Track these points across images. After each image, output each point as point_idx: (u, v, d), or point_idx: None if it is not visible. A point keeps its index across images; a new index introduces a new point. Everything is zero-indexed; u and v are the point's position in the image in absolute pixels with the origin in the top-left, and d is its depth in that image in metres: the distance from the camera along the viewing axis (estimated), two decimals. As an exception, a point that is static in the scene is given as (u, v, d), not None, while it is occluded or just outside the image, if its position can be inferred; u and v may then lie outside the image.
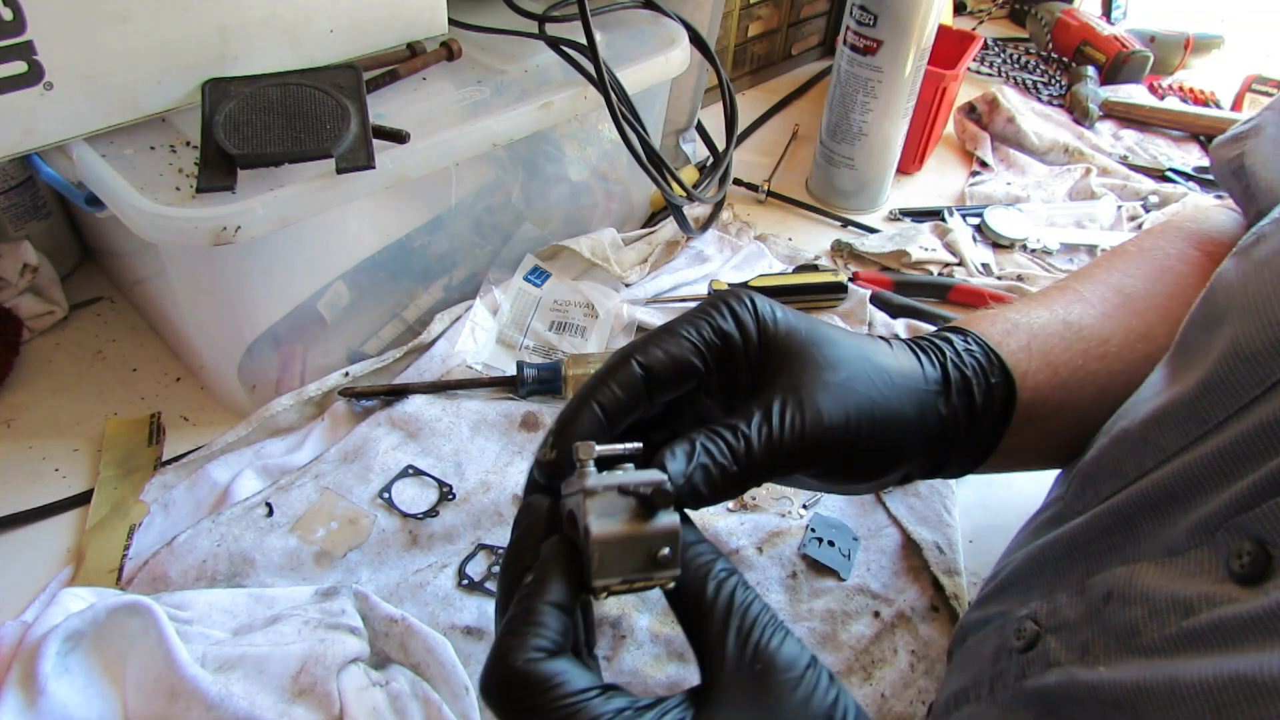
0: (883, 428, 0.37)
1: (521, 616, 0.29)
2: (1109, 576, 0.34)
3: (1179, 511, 0.32)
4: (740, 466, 0.33)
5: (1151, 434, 0.35)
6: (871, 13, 0.79)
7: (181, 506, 0.56)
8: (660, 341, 0.35)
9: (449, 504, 0.57)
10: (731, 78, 0.91)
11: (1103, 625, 0.33)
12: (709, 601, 0.30)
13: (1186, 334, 0.37)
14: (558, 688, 0.28)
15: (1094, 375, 0.44)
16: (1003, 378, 0.42)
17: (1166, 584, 0.31)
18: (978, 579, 0.57)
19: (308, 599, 0.49)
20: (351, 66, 0.56)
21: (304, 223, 0.53)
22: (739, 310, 0.37)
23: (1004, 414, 0.42)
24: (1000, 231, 0.87)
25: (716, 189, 0.80)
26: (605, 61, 0.63)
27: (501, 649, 0.29)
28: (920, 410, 0.39)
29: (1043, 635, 0.36)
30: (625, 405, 0.34)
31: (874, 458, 0.37)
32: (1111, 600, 0.33)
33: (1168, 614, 0.30)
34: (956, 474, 0.44)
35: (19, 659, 0.43)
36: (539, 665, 0.28)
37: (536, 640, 0.29)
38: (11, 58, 0.47)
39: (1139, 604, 0.31)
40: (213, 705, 0.41)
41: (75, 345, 0.67)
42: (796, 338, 0.37)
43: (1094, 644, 0.33)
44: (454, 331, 0.69)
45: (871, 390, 0.37)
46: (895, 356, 0.39)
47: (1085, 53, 1.19)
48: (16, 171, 0.65)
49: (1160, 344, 0.44)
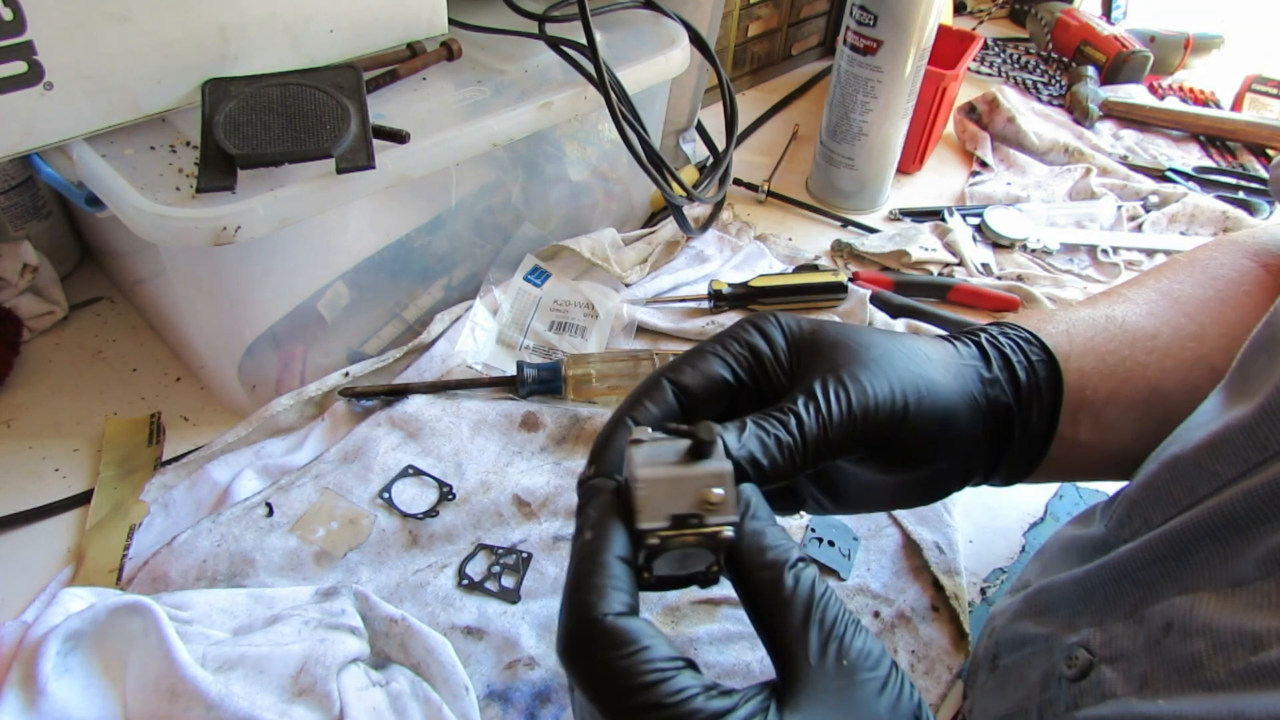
0: (930, 400, 0.36)
1: (591, 570, 0.28)
2: (1168, 607, 0.33)
3: (1242, 541, 0.31)
4: (795, 440, 0.32)
5: (1207, 460, 0.34)
6: (871, 13, 0.79)
7: (181, 506, 0.56)
8: (689, 361, 0.35)
9: (449, 504, 0.57)
10: (731, 78, 0.91)
11: (1163, 657, 0.32)
12: (788, 593, 0.28)
13: (1246, 359, 0.36)
14: (643, 650, 0.26)
15: (1143, 368, 0.42)
16: (1044, 355, 0.41)
17: (1231, 616, 0.30)
18: (978, 579, 0.57)
19: (308, 599, 0.49)
20: (351, 66, 0.56)
21: (304, 223, 0.53)
22: (763, 324, 0.37)
23: (1053, 399, 0.40)
24: (1000, 231, 0.87)
25: (716, 189, 0.80)
26: (605, 61, 0.63)
27: (579, 604, 0.27)
28: (963, 383, 0.38)
29: (1096, 664, 0.35)
30: (660, 423, 0.33)
31: (928, 435, 0.36)
32: (1172, 632, 0.32)
33: (1234, 648, 0.29)
34: (1020, 471, 0.42)
35: (19, 659, 0.43)
36: (623, 622, 0.27)
37: (616, 594, 0.27)
38: (11, 58, 0.47)
39: (1202, 636, 0.30)
40: (213, 705, 0.41)
41: (75, 345, 0.67)
42: (825, 335, 0.36)
43: (1154, 676, 0.32)
44: (454, 331, 0.69)
45: (911, 364, 0.36)
46: (926, 340, 0.39)
47: (1085, 53, 1.19)
48: (16, 171, 0.65)
49: (1213, 346, 0.42)
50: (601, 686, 0.26)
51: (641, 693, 0.25)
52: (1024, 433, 0.40)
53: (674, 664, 0.26)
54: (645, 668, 0.26)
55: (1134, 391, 0.42)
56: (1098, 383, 0.41)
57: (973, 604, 0.55)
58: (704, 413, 0.35)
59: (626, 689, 0.26)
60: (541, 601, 0.53)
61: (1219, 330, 0.43)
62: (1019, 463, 0.41)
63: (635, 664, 0.26)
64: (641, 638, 0.26)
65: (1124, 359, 0.42)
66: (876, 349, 0.36)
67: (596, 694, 0.26)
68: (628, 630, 0.27)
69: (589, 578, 0.28)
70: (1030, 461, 0.42)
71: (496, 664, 0.49)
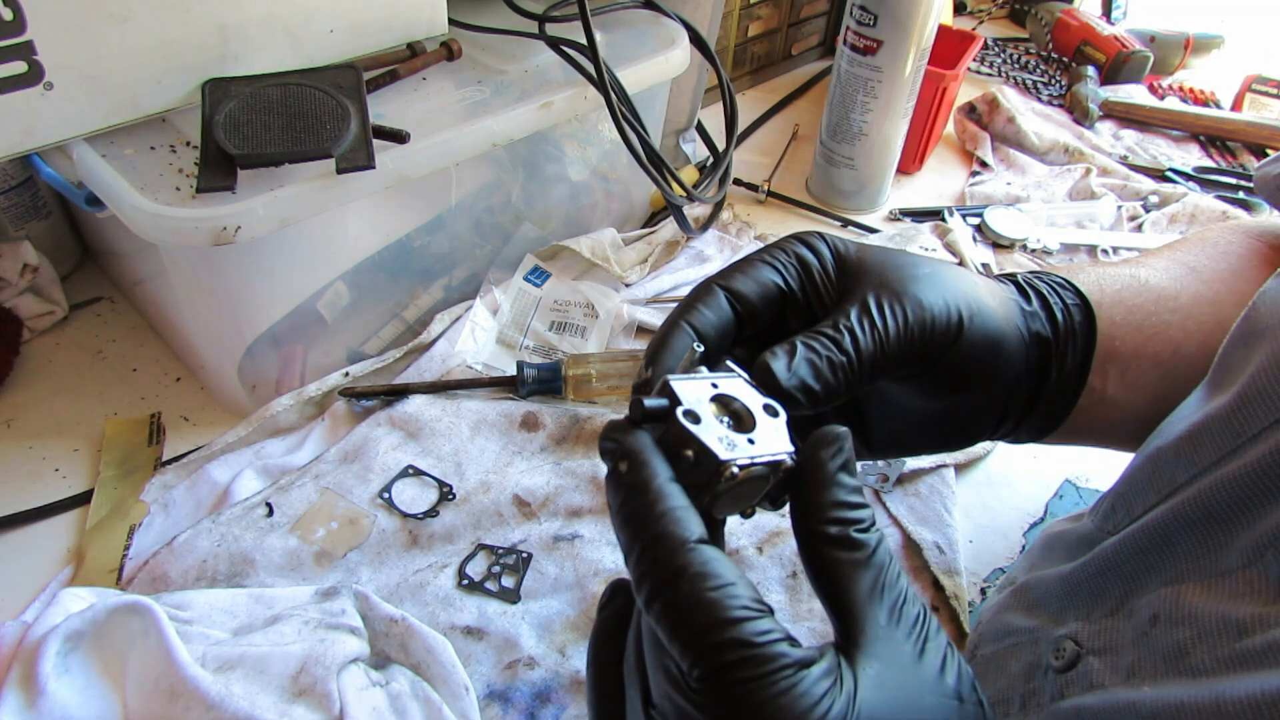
0: (981, 319, 0.36)
1: (658, 495, 0.26)
2: (1154, 599, 0.33)
3: (1223, 531, 0.31)
4: (848, 358, 0.32)
5: (1185, 449, 0.34)
6: (871, 13, 0.79)
7: (181, 506, 0.56)
8: (741, 268, 0.35)
9: (449, 504, 0.57)
10: (731, 78, 0.91)
11: (1149, 647, 0.32)
12: (862, 554, 0.27)
13: (1225, 353, 0.37)
14: (730, 585, 0.24)
15: (1167, 326, 0.42)
16: (1079, 300, 0.41)
17: (1215, 605, 0.30)
18: (978, 579, 0.57)
19: (308, 599, 0.49)
20: (351, 66, 0.56)
21: (304, 223, 0.53)
22: (811, 240, 0.36)
23: (1087, 343, 0.41)
24: (1000, 231, 0.87)
25: (716, 189, 0.80)
26: (605, 61, 0.63)
27: (659, 528, 0.25)
28: (1008, 310, 0.38)
29: (1084, 656, 0.35)
30: (715, 326, 0.33)
31: (979, 355, 0.36)
32: (1159, 622, 0.32)
33: (1219, 635, 0.29)
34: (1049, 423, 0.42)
35: (19, 659, 0.43)
36: (709, 551, 0.25)
37: (693, 520, 0.26)
38: (11, 58, 0.47)
39: (1187, 625, 0.30)
40: (213, 705, 0.41)
41: (75, 345, 0.67)
42: (871, 254, 0.36)
43: (1140, 666, 0.32)
44: (454, 331, 0.69)
45: (962, 283, 0.36)
46: (969, 271, 0.39)
47: (1085, 53, 1.19)
48: (16, 171, 0.65)
49: (1229, 314, 0.42)
50: (688, 618, 0.24)
51: (731, 628, 0.24)
52: (1059, 373, 0.40)
53: (759, 605, 0.25)
54: (734, 603, 0.24)
55: (1159, 349, 0.42)
56: (1126, 334, 0.41)
57: (973, 604, 0.55)
58: (758, 319, 0.34)
59: (716, 623, 0.24)
60: (541, 601, 0.53)
61: (1234, 299, 0.44)
62: (1050, 411, 0.41)
63: (724, 597, 0.24)
64: (728, 571, 0.25)
65: (1150, 314, 0.42)
66: (925, 266, 0.36)
67: (681, 625, 0.24)
68: (715, 560, 0.25)
69: (658, 504, 0.26)
70: (1061, 410, 0.41)
71: (496, 664, 0.49)
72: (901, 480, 0.62)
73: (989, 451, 0.66)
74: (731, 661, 0.23)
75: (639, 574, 0.25)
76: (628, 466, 0.26)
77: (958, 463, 0.64)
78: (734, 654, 0.23)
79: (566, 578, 0.54)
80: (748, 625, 0.24)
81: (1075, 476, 0.65)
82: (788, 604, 0.54)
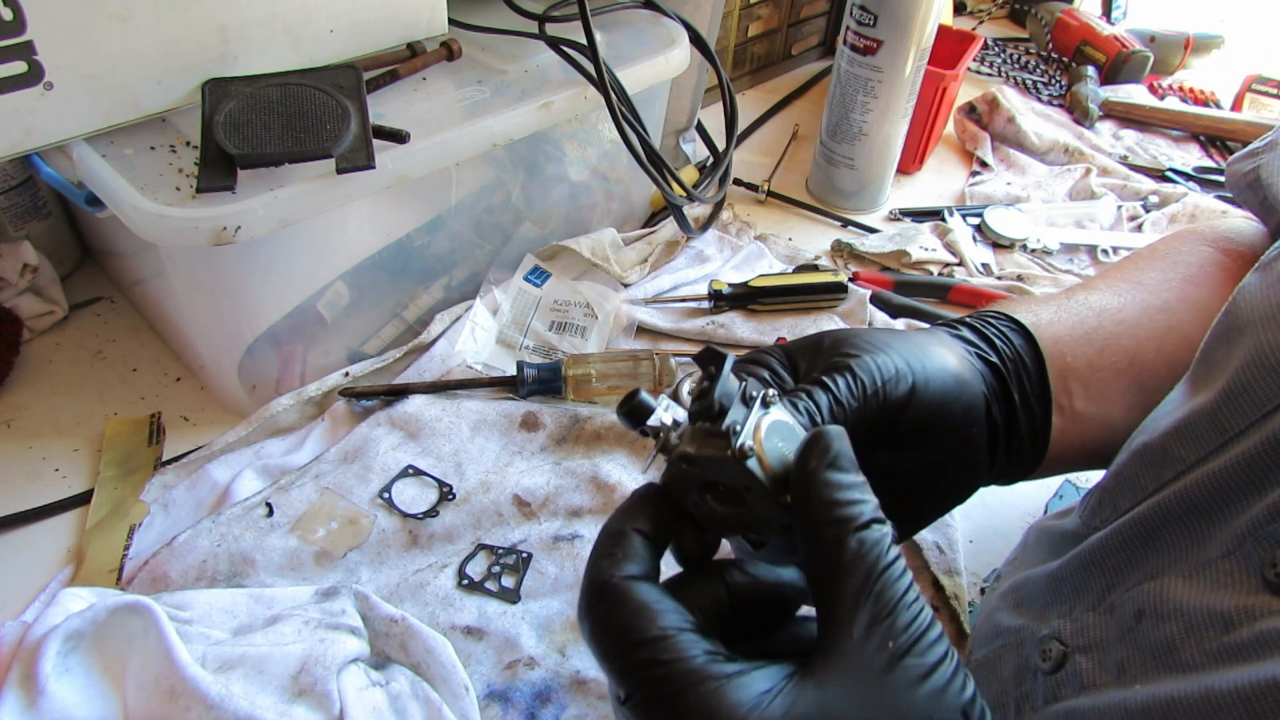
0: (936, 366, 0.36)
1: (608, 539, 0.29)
2: (1137, 593, 0.33)
3: (1206, 524, 0.32)
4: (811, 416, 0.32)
5: (1171, 445, 0.35)
6: (871, 13, 0.79)
7: (181, 506, 0.56)
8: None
9: (449, 504, 0.57)
10: (731, 78, 0.91)
11: (1136, 644, 0.32)
12: (850, 556, 0.26)
13: (1207, 348, 0.37)
14: (646, 609, 0.27)
15: (1116, 336, 0.43)
16: (1014, 325, 0.42)
17: (1199, 598, 0.30)
18: (977, 579, 0.57)
19: (308, 599, 0.49)
20: (351, 66, 0.56)
21: (304, 223, 0.53)
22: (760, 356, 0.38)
23: (1037, 364, 0.41)
24: (1000, 231, 0.87)
25: (716, 189, 0.80)
26: (605, 61, 0.63)
27: (591, 568, 0.28)
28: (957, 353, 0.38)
29: (1070, 655, 0.35)
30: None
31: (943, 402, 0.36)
32: (1144, 618, 0.32)
33: (1206, 629, 0.29)
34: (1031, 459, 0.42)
35: (19, 659, 0.43)
36: (631, 585, 0.27)
37: (629, 562, 0.28)
38: (11, 58, 0.47)
39: (1173, 620, 0.31)
40: (213, 705, 0.41)
41: (75, 345, 0.67)
42: (823, 339, 0.37)
43: (1130, 663, 0.32)
44: (454, 331, 0.69)
45: (908, 343, 0.37)
46: (897, 330, 0.40)
47: (1085, 53, 1.19)
48: (16, 171, 0.65)
49: (1182, 319, 0.43)
50: (603, 642, 0.27)
51: (641, 649, 0.26)
52: (1023, 397, 0.41)
53: (681, 626, 0.26)
54: (647, 624, 0.26)
55: (1114, 358, 0.43)
56: (1075, 348, 0.42)
57: (973, 604, 0.55)
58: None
59: (627, 645, 0.26)
60: (541, 601, 0.53)
61: (1185, 305, 0.45)
62: (1032, 439, 0.41)
63: (637, 621, 0.26)
64: (648, 599, 0.27)
65: (1095, 328, 0.43)
66: (876, 338, 0.37)
67: (600, 649, 0.27)
68: (634, 591, 0.27)
69: (605, 546, 0.29)
70: (1040, 437, 0.42)
71: (496, 664, 0.49)
72: (901, 480, 0.62)
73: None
74: (651, 678, 0.25)
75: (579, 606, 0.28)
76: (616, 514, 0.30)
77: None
78: (652, 671, 0.25)
79: (566, 578, 0.54)
80: (664, 644, 0.25)
81: (1075, 476, 0.65)
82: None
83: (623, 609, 0.27)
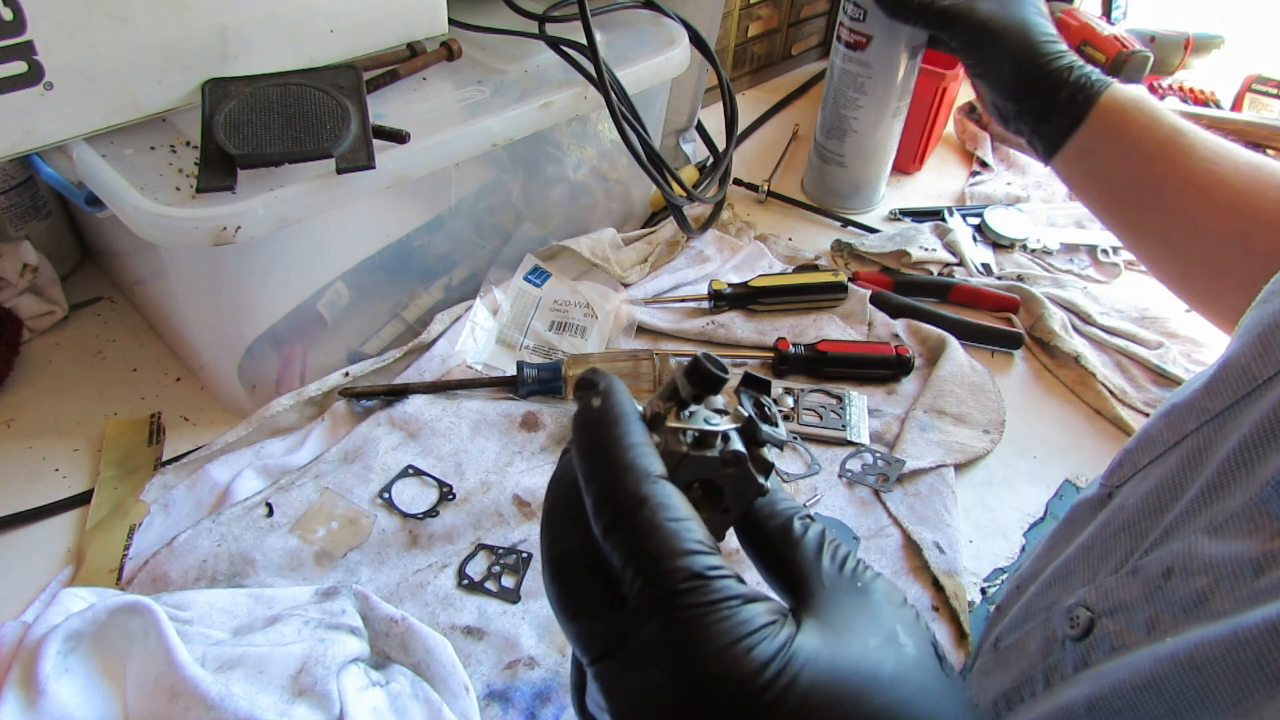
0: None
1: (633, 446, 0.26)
2: (1164, 553, 0.33)
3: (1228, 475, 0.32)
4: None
5: (1199, 399, 0.35)
6: (861, 7, 0.77)
7: (181, 506, 0.56)
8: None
9: (449, 504, 0.57)
10: (731, 78, 0.91)
11: (1166, 600, 0.32)
12: (798, 533, 0.29)
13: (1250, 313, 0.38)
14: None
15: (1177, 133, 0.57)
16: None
17: (1228, 548, 0.31)
18: (977, 579, 0.57)
19: (308, 599, 0.49)
20: (351, 66, 0.56)
21: (304, 223, 0.53)
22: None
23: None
24: (1000, 231, 0.87)
25: (716, 189, 0.80)
26: (605, 61, 0.63)
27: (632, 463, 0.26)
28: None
29: (1098, 619, 0.35)
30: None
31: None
32: (1173, 576, 0.33)
33: (1236, 578, 0.30)
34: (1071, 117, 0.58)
35: (19, 659, 0.43)
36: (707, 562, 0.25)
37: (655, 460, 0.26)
38: (11, 58, 0.47)
39: (1203, 574, 0.31)
40: (213, 705, 0.41)
41: (75, 345, 0.67)
42: None
43: (1160, 619, 0.32)
44: (454, 331, 0.69)
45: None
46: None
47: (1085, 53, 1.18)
48: (16, 171, 0.65)
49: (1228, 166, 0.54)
50: (646, 543, 0.25)
51: (685, 557, 0.24)
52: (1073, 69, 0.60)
53: (712, 544, 0.25)
54: (690, 535, 0.25)
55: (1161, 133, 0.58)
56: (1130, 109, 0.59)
57: (973, 604, 0.55)
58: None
59: (673, 550, 0.24)
60: (542, 601, 0.53)
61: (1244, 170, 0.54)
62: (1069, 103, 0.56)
63: (682, 529, 0.25)
64: (686, 509, 0.26)
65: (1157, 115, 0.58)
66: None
67: (639, 549, 0.25)
68: (675, 495, 0.26)
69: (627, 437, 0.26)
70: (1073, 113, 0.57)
71: (496, 664, 0.49)
72: (901, 480, 0.62)
73: (989, 451, 0.66)
74: (682, 588, 0.24)
75: (601, 498, 0.26)
76: (601, 402, 0.27)
77: (957, 462, 0.64)
78: (685, 581, 0.24)
79: (566, 578, 0.54)
80: (701, 558, 0.25)
81: (1075, 477, 0.65)
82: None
83: (664, 513, 0.25)
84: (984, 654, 0.45)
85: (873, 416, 0.67)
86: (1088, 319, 0.78)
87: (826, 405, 0.67)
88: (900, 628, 0.26)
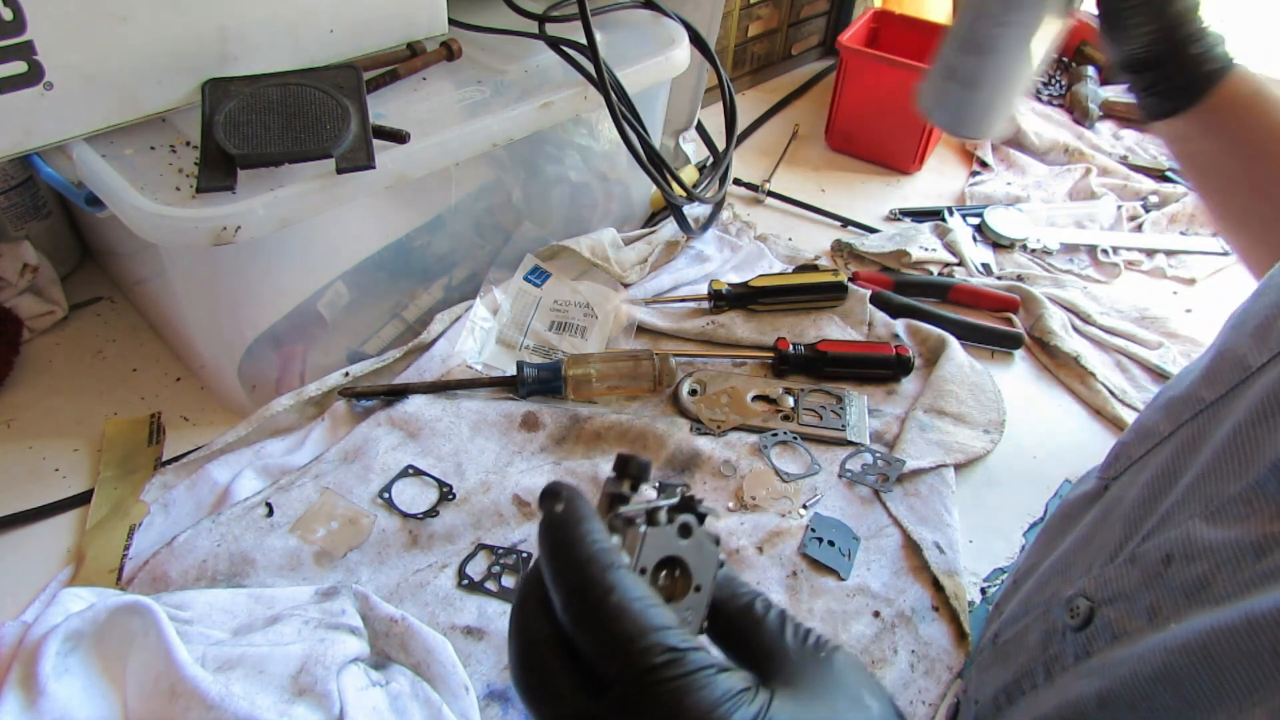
0: None
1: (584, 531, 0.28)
2: (1163, 540, 0.34)
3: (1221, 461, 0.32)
4: None
5: (1196, 388, 0.36)
6: None
7: (181, 506, 0.56)
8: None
9: (449, 504, 0.57)
10: (731, 78, 0.91)
11: (1166, 587, 0.33)
12: (761, 612, 0.30)
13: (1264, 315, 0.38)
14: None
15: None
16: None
17: (1227, 533, 0.31)
18: (978, 579, 0.57)
19: (308, 599, 0.49)
20: (351, 66, 0.56)
21: (304, 223, 0.53)
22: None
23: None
24: (1000, 231, 0.87)
25: (716, 189, 0.80)
26: (605, 61, 0.63)
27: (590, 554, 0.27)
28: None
29: (1097, 609, 0.36)
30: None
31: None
32: (1173, 562, 0.33)
33: (1238, 561, 0.30)
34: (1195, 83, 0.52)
35: (19, 659, 0.43)
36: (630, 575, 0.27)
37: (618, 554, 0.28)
38: (11, 58, 0.47)
39: (1203, 559, 0.31)
40: (213, 705, 0.41)
41: (75, 345, 0.67)
42: None
43: (1161, 605, 0.33)
44: (454, 331, 0.69)
45: None
46: None
47: (1085, 53, 1.19)
48: (16, 171, 0.65)
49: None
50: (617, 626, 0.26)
51: (657, 634, 0.25)
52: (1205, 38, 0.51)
53: (678, 622, 0.26)
54: (658, 615, 0.26)
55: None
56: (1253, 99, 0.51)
57: (973, 604, 0.55)
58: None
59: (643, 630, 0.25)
60: (541, 601, 0.53)
61: None
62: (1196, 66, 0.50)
63: (648, 609, 0.26)
64: (650, 593, 0.27)
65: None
66: None
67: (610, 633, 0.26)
68: (639, 582, 0.27)
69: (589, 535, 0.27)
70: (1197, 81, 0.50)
71: (496, 664, 0.49)
72: (901, 480, 0.62)
73: (989, 451, 0.66)
74: (658, 662, 0.25)
75: (570, 590, 0.27)
76: (564, 508, 0.29)
77: (957, 462, 0.64)
78: (661, 655, 0.25)
79: (566, 578, 0.54)
80: (671, 633, 0.26)
81: (1075, 476, 0.65)
82: (788, 604, 0.54)
83: (631, 596, 0.26)
84: (983, 650, 0.46)
85: (873, 416, 0.67)
86: (1088, 319, 0.78)
87: (826, 405, 0.67)
88: (865, 691, 0.28)
